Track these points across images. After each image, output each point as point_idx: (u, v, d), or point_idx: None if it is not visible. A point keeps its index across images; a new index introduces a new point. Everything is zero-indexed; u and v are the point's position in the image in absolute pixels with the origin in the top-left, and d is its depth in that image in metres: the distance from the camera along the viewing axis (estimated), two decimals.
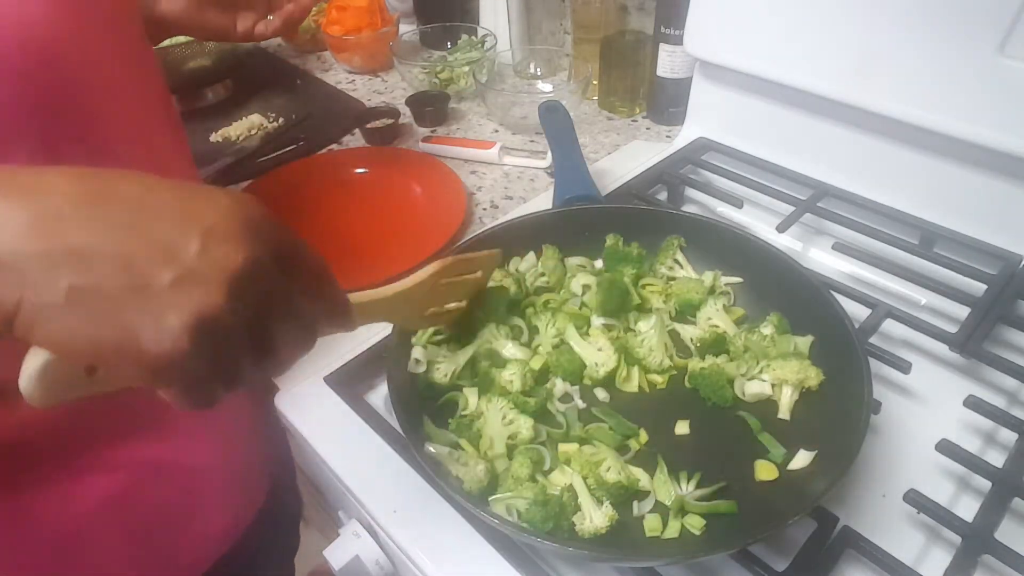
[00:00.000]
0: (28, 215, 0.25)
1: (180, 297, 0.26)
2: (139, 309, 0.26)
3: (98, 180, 0.27)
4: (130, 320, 0.26)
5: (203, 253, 0.27)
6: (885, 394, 0.58)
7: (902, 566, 0.45)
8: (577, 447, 0.51)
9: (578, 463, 0.49)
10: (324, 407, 0.58)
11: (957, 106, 0.62)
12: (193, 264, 0.27)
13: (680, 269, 0.66)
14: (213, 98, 1.11)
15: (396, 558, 0.54)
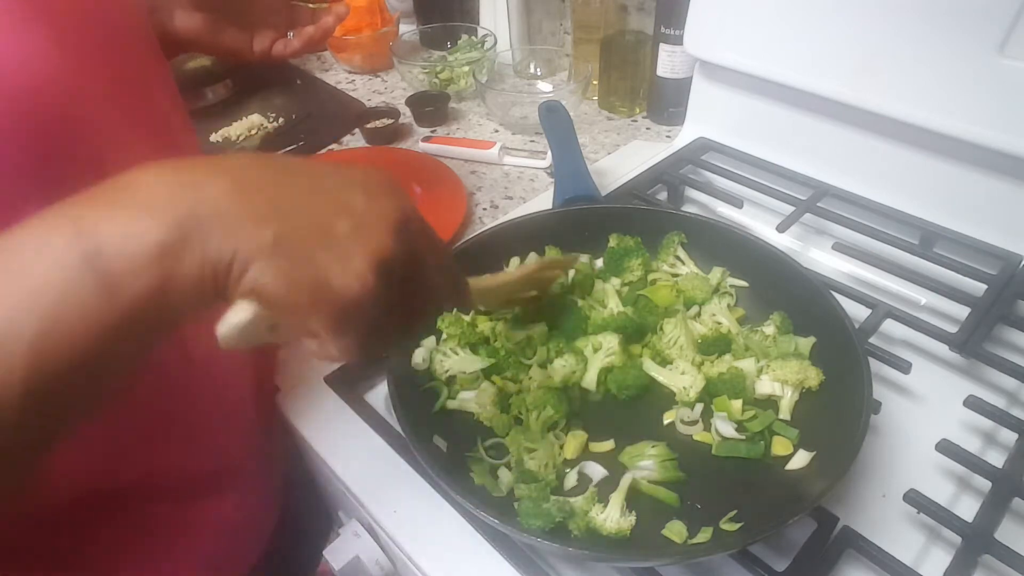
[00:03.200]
0: (231, 182, 0.29)
1: (359, 242, 0.30)
2: (329, 254, 0.29)
3: (272, 158, 0.32)
4: (324, 263, 0.29)
5: (368, 206, 0.31)
6: (885, 394, 0.58)
7: (902, 566, 0.45)
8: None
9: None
10: (324, 407, 0.58)
11: (957, 106, 0.62)
12: (363, 215, 0.31)
13: (682, 266, 0.66)
14: (213, 98, 1.11)
15: (396, 558, 0.54)
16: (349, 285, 0.29)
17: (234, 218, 0.28)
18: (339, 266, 0.29)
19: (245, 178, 0.29)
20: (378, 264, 0.30)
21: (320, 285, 0.29)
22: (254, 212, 0.28)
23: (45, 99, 0.34)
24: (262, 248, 0.28)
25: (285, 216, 0.29)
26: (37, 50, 0.35)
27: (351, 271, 0.29)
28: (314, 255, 0.29)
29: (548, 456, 0.51)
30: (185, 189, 0.28)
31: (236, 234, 0.28)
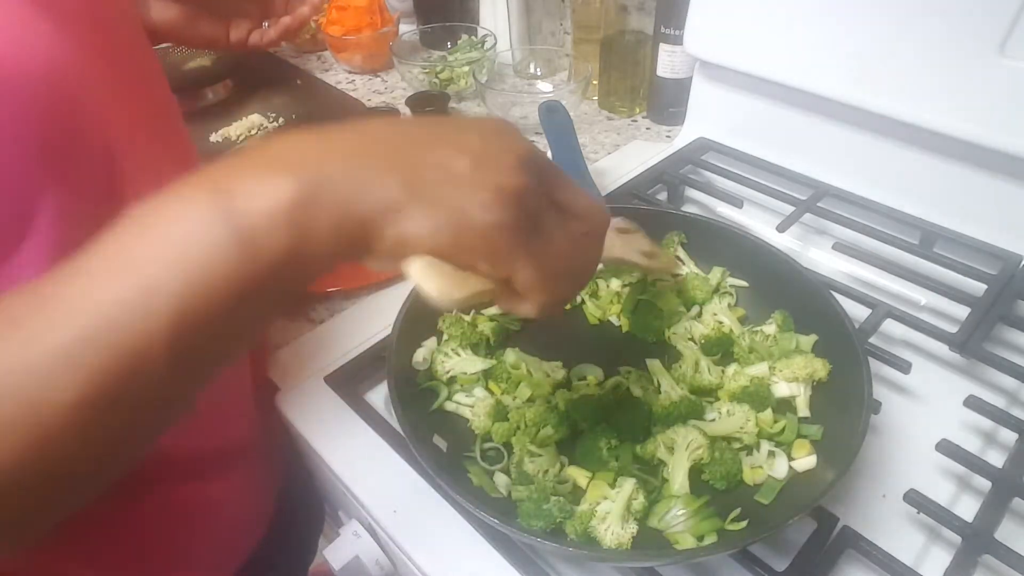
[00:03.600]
0: (355, 138, 0.30)
1: (482, 176, 0.30)
2: (456, 191, 0.29)
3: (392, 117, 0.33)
4: (456, 201, 0.29)
5: (485, 145, 0.31)
6: (885, 394, 0.58)
7: (902, 566, 0.45)
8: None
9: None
10: (324, 407, 0.58)
11: (957, 106, 0.62)
12: (482, 153, 0.31)
13: (682, 266, 0.66)
14: (213, 98, 1.11)
15: (396, 558, 0.54)
16: (483, 217, 0.29)
17: (361, 171, 0.28)
18: (471, 201, 0.29)
19: (367, 134, 0.31)
20: (505, 193, 0.30)
21: (461, 222, 0.29)
22: (379, 163, 0.29)
23: (55, 85, 0.35)
24: (392, 196, 0.28)
25: (407, 164, 0.29)
26: (43, 38, 0.35)
27: (480, 202, 0.29)
28: (443, 195, 0.29)
29: (548, 464, 0.51)
30: (313, 148, 0.29)
31: (364, 186, 0.28)
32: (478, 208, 0.29)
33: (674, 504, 0.48)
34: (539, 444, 0.52)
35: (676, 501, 0.48)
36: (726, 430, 0.52)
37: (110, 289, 0.25)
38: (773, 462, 0.51)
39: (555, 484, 0.50)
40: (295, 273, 0.28)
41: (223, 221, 0.26)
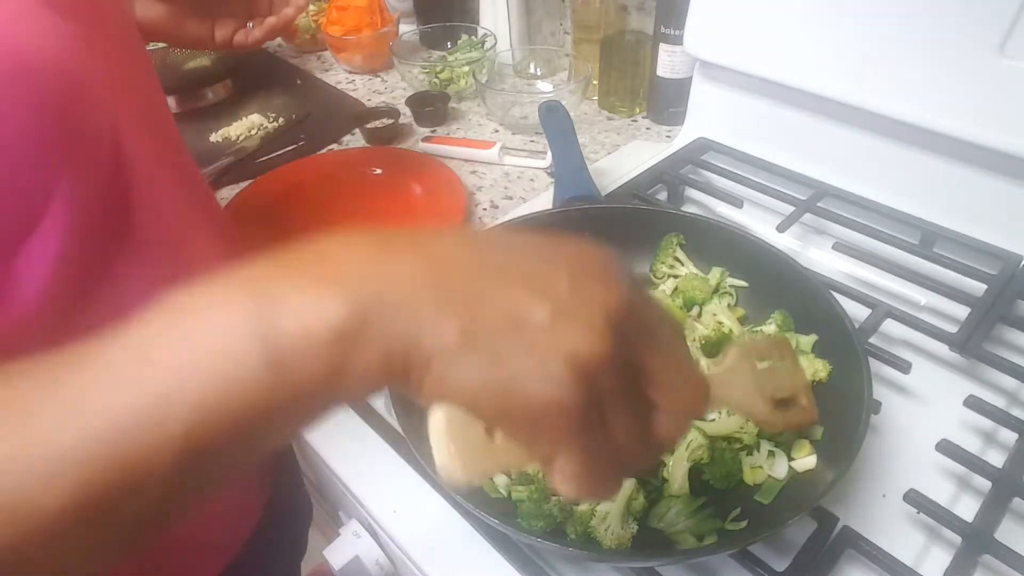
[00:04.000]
0: (423, 261, 0.26)
1: (558, 336, 0.24)
2: (521, 350, 0.24)
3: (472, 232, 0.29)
4: (515, 361, 0.24)
5: (574, 291, 0.25)
6: (885, 394, 0.58)
7: (902, 566, 0.45)
8: None
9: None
10: None
11: (957, 106, 0.62)
12: (568, 301, 0.25)
13: (681, 267, 0.66)
14: (213, 98, 1.11)
15: (396, 558, 0.54)
16: (542, 390, 0.24)
17: (420, 306, 0.24)
18: (532, 365, 0.24)
19: (439, 257, 0.26)
20: (578, 365, 0.24)
21: (509, 388, 0.24)
22: (441, 299, 0.25)
23: (64, 73, 0.35)
24: (446, 343, 0.24)
25: (475, 304, 0.25)
26: (51, 28, 0.36)
27: (545, 372, 0.24)
28: (504, 351, 0.24)
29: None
30: (375, 267, 0.25)
31: (419, 325, 0.24)
32: (539, 378, 0.24)
33: (674, 504, 0.48)
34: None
35: (676, 501, 0.48)
36: (726, 430, 0.52)
37: (126, 390, 0.23)
38: (773, 462, 0.51)
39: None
40: (324, 399, 0.25)
41: (260, 338, 0.23)
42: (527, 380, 0.24)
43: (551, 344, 0.24)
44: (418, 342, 0.24)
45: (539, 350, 0.24)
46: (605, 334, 0.25)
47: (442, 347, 0.24)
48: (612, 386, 0.25)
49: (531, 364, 0.24)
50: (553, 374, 0.24)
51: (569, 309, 0.25)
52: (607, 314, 0.25)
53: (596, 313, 0.25)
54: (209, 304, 0.24)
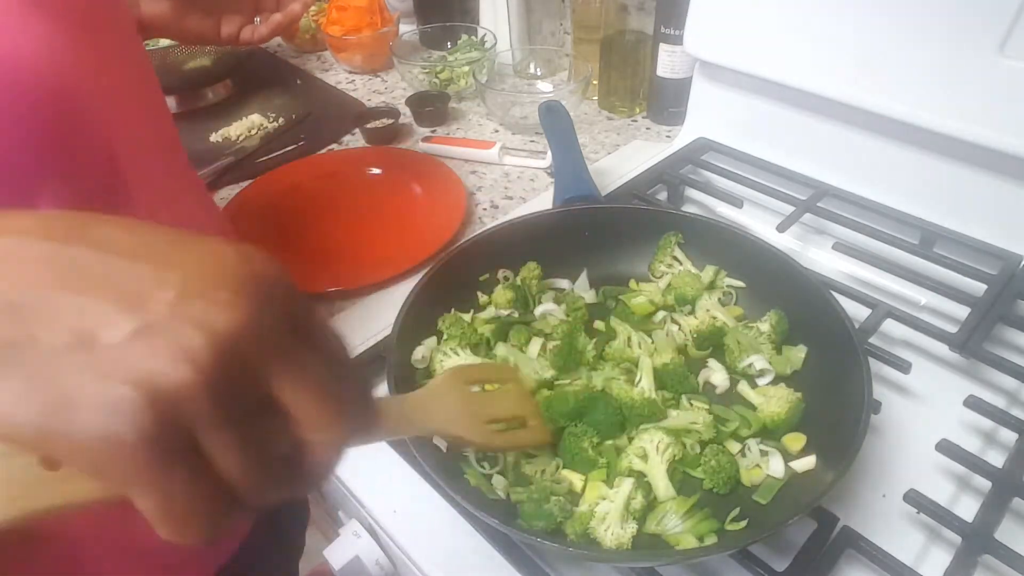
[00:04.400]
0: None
1: (135, 356, 0.20)
2: (80, 370, 0.20)
3: (68, 220, 0.23)
4: (67, 383, 0.20)
5: (179, 303, 0.21)
6: (885, 394, 0.58)
7: (902, 566, 0.45)
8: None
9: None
10: None
11: (957, 106, 0.62)
12: (162, 315, 0.21)
13: (679, 265, 0.66)
14: (213, 98, 1.11)
15: (396, 558, 0.54)
16: (95, 420, 0.19)
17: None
18: (90, 389, 0.20)
19: (11, 254, 0.21)
20: (153, 392, 0.20)
21: (55, 414, 0.20)
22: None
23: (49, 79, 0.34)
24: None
25: (33, 311, 0.20)
26: (36, 32, 0.35)
27: (104, 399, 0.20)
28: (57, 370, 0.20)
29: (544, 463, 0.51)
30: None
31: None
32: (94, 405, 0.19)
33: (669, 508, 0.48)
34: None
35: (669, 504, 0.48)
36: (681, 424, 0.52)
37: None
38: (768, 460, 0.51)
39: (552, 484, 0.50)
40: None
41: None
42: (79, 407, 0.20)
43: (120, 365, 0.20)
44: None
45: (103, 372, 0.20)
46: (201, 359, 0.20)
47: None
48: (206, 416, 0.21)
49: (89, 388, 0.20)
50: (114, 401, 0.19)
51: (160, 325, 0.21)
52: (211, 335, 0.21)
53: (195, 333, 0.21)
54: None
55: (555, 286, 0.67)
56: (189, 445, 0.21)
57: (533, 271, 0.66)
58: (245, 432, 0.22)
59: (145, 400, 0.20)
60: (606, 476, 0.50)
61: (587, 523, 0.46)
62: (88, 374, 0.20)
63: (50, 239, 0.22)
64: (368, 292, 0.71)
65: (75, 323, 0.20)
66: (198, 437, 0.21)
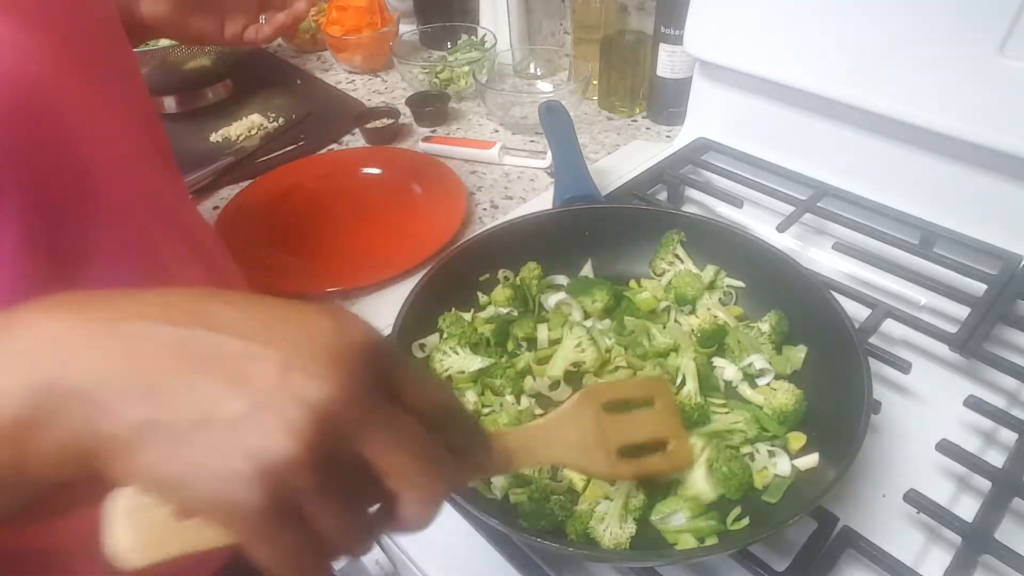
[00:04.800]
0: (121, 346, 0.24)
1: (249, 437, 0.23)
2: (205, 446, 0.23)
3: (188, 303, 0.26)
4: (197, 460, 0.23)
5: (280, 383, 0.24)
6: (885, 394, 0.58)
7: (902, 566, 0.44)
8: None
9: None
10: None
11: (957, 106, 0.62)
12: (266, 392, 0.24)
13: (680, 264, 0.66)
14: (213, 98, 1.11)
15: (396, 558, 0.54)
16: (218, 490, 0.23)
17: (103, 395, 0.23)
18: (213, 463, 0.23)
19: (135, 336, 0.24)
20: (264, 468, 0.23)
21: (189, 483, 0.23)
22: (127, 388, 0.23)
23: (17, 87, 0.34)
24: (126, 435, 0.23)
25: (163, 393, 0.24)
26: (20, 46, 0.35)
27: (225, 472, 0.23)
28: (188, 444, 0.23)
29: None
30: (60, 350, 0.24)
31: (100, 415, 0.23)
32: (217, 477, 0.23)
33: (682, 506, 0.48)
34: None
35: (685, 504, 0.48)
36: (724, 427, 0.52)
37: None
38: (775, 461, 0.51)
39: (552, 483, 0.50)
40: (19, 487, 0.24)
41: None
42: (205, 477, 0.23)
43: (237, 442, 0.23)
44: (98, 433, 0.23)
45: (223, 448, 0.23)
46: (303, 434, 0.23)
47: (123, 439, 0.23)
48: (309, 484, 0.24)
49: (212, 463, 0.23)
50: (231, 475, 0.23)
51: (267, 403, 0.23)
52: (308, 410, 0.23)
53: (298, 410, 0.23)
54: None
55: (555, 283, 0.67)
56: (296, 509, 0.24)
57: (533, 271, 0.66)
58: (342, 498, 0.25)
59: (256, 474, 0.23)
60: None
61: (587, 523, 0.46)
62: (210, 450, 0.23)
63: (172, 323, 0.25)
64: (368, 292, 0.71)
65: (196, 403, 0.23)
66: (303, 503, 0.24)
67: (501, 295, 0.64)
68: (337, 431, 0.24)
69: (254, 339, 0.25)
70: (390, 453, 0.26)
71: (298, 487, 0.24)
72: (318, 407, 0.24)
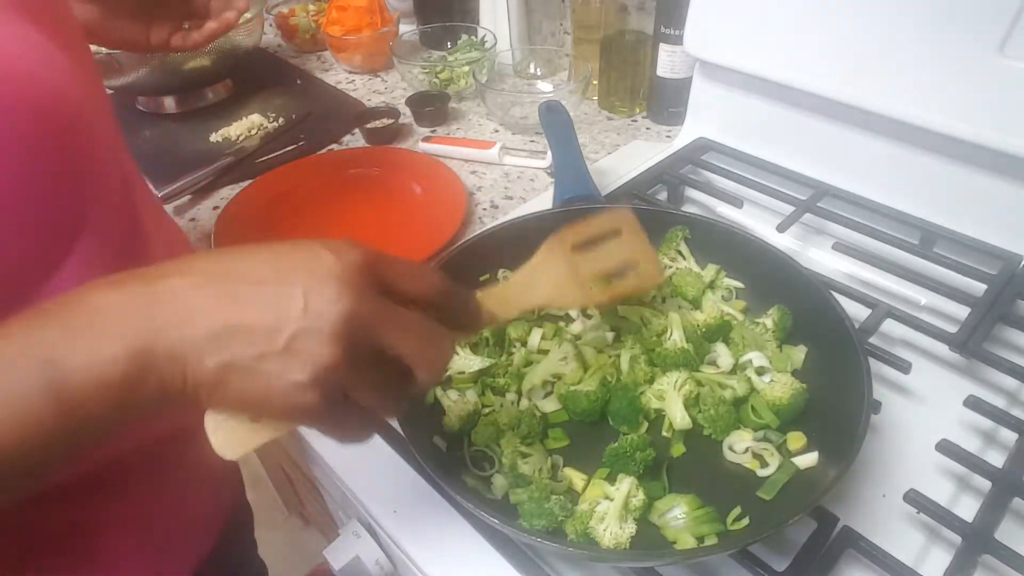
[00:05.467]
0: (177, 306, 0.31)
1: (297, 356, 0.31)
2: (269, 372, 0.31)
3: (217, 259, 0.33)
4: (266, 383, 0.31)
5: (306, 310, 0.31)
6: (885, 394, 0.58)
7: (902, 566, 0.45)
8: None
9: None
10: None
11: (957, 106, 0.62)
12: (300, 323, 0.31)
13: (683, 260, 0.66)
14: (213, 98, 1.11)
15: (396, 558, 0.54)
16: (294, 400, 0.31)
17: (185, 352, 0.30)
18: (281, 384, 0.31)
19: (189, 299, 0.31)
20: (317, 377, 0.31)
21: (264, 397, 0.31)
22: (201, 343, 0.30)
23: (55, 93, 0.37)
24: (209, 373, 0.30)
25: (231, 341, 0.31)
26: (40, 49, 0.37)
27: (293, 388, 0.31)
28: (256, 376, 0.31)
29: (540, 461, 0.51)
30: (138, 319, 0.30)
31: (185, 363, 0.30)
32: (283, 390, 0.31)
33: (678, 503, 0.48)
34: (524, 441, 0.52)
35: (680, 500, 0.48)
36: (716, 378, 0.56)
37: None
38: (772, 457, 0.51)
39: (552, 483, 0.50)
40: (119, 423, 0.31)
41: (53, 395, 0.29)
42: (276, 393, 0.31)
43: (290, 363, 0.31)
44: (185, 375, 0.30)
45: (282, 370, 0.31)
46: (334, 344, 0.31)
47: (206, 376, 0.30)
48: (347, 376, 0.32)
49: (278, 382, 0.31)
50: (293, 387, 0.31)
51: (304, 328, 0.31)
52: (337, 324, 0.31)
53: (327, 326, 0.31)
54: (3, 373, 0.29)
55: None
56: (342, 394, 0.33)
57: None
58: (374, 378, 0.34)
59: (309, 382, 0.31)
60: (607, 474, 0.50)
61: (587, 522, 0.46)
62: (273, 374, 0.31)
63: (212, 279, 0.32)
64: None
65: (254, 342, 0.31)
66: (346, 388, 0.33)
67: None
68: (359, 333, 0.32)
69: (277, 282, 0.32)
70: (400, 340, 0.33)
71: (340, 380, 0.32)
72: (340, 320, 0.31)
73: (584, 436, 0.55)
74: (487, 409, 0.56)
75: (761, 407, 0.54)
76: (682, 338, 0.57)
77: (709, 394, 0.54)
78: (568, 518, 0.47)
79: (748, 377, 0.56)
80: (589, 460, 0.52)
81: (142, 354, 0.30)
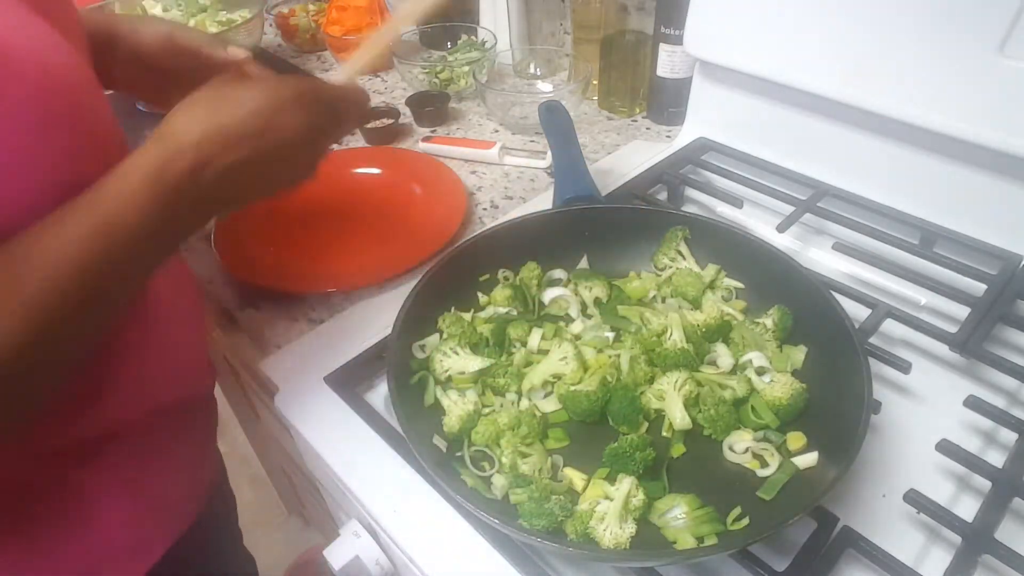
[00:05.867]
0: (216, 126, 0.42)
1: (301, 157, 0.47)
2: (286, 168, 0.47)
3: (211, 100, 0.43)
4: (290, 170, 0.47)
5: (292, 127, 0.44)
6: (885, 394, 0.58)
7: (902, 566, 0.45)
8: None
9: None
10: (324, 407, 0.58)
11: (957, 106, 0.62)
12: (291, 137, 0.44)
13: (683, 260, 0.66)
14: None
15: (396, 558, 0.54)
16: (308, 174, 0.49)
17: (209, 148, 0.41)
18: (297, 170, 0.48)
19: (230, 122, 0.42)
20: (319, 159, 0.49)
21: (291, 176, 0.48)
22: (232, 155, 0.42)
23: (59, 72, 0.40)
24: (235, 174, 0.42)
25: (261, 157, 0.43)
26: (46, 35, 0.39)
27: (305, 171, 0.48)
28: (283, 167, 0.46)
29: (540, 461, 0.51)
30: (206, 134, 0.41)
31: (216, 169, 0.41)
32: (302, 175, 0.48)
33: (676, 504, 0.48)
34: (524, 441, 0.52)
35: (680, 500, 0.48)
36: (716, 378, 0.56)
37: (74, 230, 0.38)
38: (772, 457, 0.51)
39: (553, 483, 0.50)
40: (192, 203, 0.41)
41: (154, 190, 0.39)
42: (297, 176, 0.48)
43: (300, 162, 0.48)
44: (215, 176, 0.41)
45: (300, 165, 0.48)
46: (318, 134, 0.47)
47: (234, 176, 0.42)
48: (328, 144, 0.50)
49: (296, 171, 0.48)
50: (308, 170, 0.49)
51: (295, 140, 0.45)
52: (312, 128, 0.46)
53: (309, 132, 0.45)
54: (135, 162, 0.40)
55: (553, 277, 0.67)
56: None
57: (533, 271, 0.66)
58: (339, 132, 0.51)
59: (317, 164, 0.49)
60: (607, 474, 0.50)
61: (587, 522, 0.46)
62: (293, 167, 0.47)
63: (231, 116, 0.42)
64: (368, 292, 0.71)
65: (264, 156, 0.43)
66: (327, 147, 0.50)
67: (501, 295, 0.64)
68: (327, 126, 0.48)
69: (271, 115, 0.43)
70: (345, 123, 0.50)
71: (327, 150, 0.50)
72: (314, 127, 0.46)
73: (584, 436, 0.55)
74: (487, 409, 0.56)
75: (761, 407, 0.54)
76: (682, 338, 0.58)
77: (709, 394, 0.54)
78: (568, 518, 0.47)
79: (748, 377, 0.56)
80: (589, 460, 0.52)
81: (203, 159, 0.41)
